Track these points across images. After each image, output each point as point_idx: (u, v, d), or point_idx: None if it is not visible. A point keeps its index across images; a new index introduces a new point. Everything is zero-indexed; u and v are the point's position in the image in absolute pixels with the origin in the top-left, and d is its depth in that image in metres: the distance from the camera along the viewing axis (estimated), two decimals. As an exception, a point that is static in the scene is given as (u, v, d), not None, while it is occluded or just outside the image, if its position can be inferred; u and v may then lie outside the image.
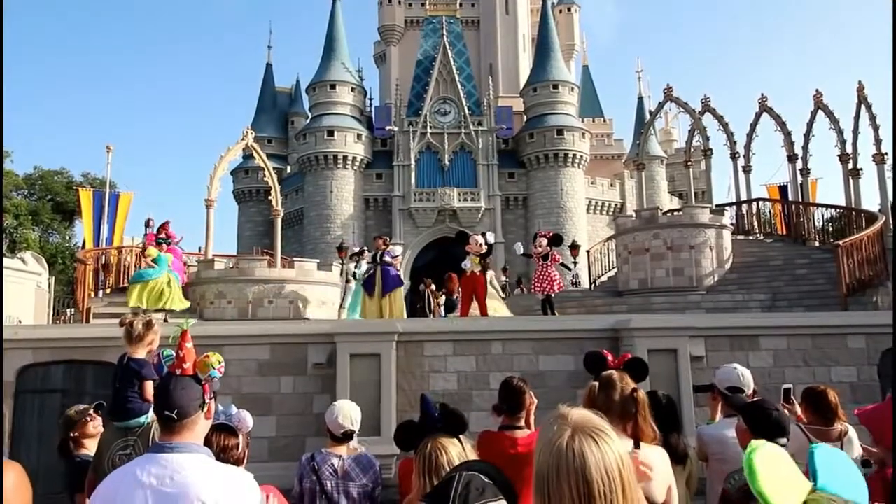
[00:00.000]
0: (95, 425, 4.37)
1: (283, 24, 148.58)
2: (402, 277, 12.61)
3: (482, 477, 1.21)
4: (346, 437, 3.62)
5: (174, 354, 2.20)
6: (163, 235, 13.12)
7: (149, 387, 4.11)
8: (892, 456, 2.83)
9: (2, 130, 2.89)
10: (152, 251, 12.72)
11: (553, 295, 12.37)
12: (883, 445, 3.10)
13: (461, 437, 2.11)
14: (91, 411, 4.42)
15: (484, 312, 13.03)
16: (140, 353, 4.22)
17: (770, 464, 1.11)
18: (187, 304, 13.17)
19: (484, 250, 12.04)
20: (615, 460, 1.17)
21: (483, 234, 12.14)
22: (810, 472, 1.17)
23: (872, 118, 19.07)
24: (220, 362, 2.22)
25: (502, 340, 9.45)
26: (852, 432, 3.85)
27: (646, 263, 17.14)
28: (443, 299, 17.40)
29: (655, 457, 2.82)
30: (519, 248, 12.94)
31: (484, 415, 5.88)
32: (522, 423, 3.37)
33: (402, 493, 2.87)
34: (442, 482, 1.24)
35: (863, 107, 19.31)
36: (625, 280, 17.72)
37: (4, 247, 10.02)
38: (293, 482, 3.67)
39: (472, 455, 2.08)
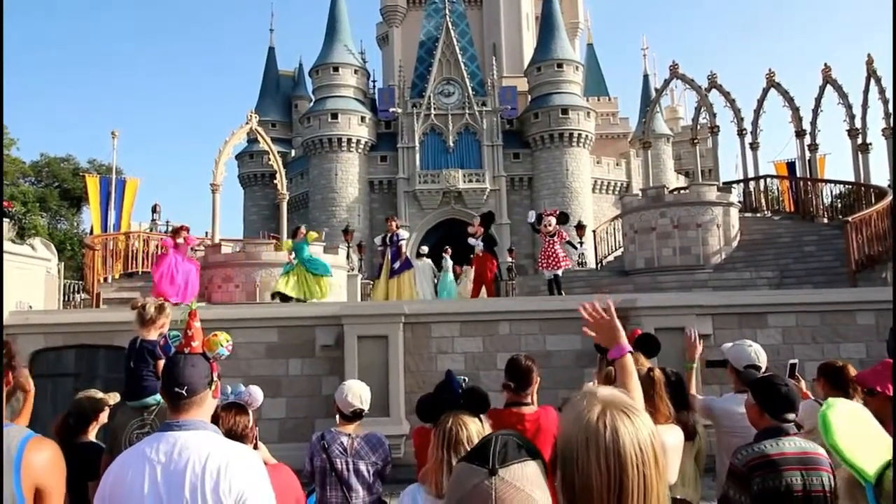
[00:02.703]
0: (108, 414, 4.33)
1: (285, 7, 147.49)
2: (410, 260, 12.63)
3: (516, 439, 1.26)
4: (356, 415, 3.66)
5: (181, 335, 2.23)
6: (180, 239, 12.93)
7: (162, 365, 4.14)
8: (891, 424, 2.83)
9: (1, 116, 2.89)
10: (288, 243, 12.36)
11: (560, 274, 12.40)
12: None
13: (481, 416, 2.15)
14: (115, 399, 4.27)
15: (491, 293, 13.06)
16: (152, 336, 4.26)
17: (845, 419, 1.09)
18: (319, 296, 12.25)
19: (480, 232, 12.13)
20: (648, 436, 1.18)
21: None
22: None
23: (882, 92, 18.84)
24: (227, 340, 2.26)
25: (509, 321, 9.48)
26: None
27: (652, 242, 17.08)
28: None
29: (670, 438, 2.85)
30: (531, 216, 12.87)
31: (492, 395, 5.92)
32: (529, 399, 3.42)
33: (418, 464, 2.90)
34: (479, 444, 1.27)
35: (872, 81, 19.06)
36: (631, 259, 17.67)
37: (14, 234, 10.04)
38: (303, 463, 3.71)
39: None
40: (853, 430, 1.08)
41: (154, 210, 30.36)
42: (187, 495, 1.85)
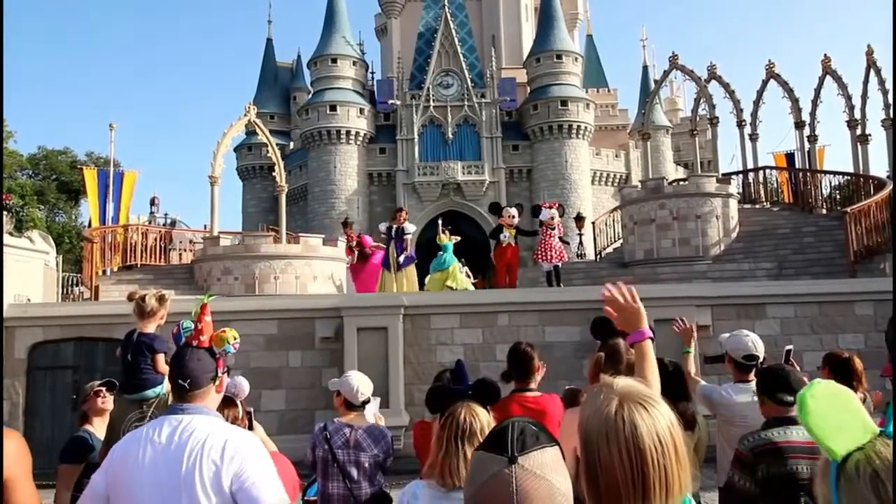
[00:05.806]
0: (104, 402, 4.32)
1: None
2: (413, 255, 12.79)
3: (532, 425, 1.23)
4: (363, 405, 3.69)
5: (192, 326, 2.24)
6: (354, 244, 13.44)
7: (160, 359, 4.14)
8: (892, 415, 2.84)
9: (1, 107, 2.88)
10: (444, 238, 13.02)
11: (560, 266, 12.44)
12: None
13: (488, 407, 2.16)
14: (104, 389, 4.33)
15: (513, 284, 13.11)
16: (150, 328, 4.23)
17: (824, 399, 1.07)
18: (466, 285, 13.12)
19: (516, 222, 12.23)
20: (667, 426, 1.16)
21: (517, 206, 12.57)
22: (886, 421, 1.11)
23: (882, 83, 18.78)
24: (235, 338, 2.27)
25: (508, 312, 9.48)
26: (870, 400, 3.89)
27: (651, 234, 17.08)
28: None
29: None
30: (545, 215, 12.86)
31: (491, 385, 5.92)
32: (533, 385, 3.51)
33: (419, 458, 2.91)
34: (495, 431, 1.25)
35: (872, 71, 19.00)
36: (630, 251, 17.68)
37: (12, 226, 10.04)
38: (303, 454, 3.72)
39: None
40: (830, 411, 1.07)
41: (152, 203, 30.37)
42: (184, 473, 1.90)
